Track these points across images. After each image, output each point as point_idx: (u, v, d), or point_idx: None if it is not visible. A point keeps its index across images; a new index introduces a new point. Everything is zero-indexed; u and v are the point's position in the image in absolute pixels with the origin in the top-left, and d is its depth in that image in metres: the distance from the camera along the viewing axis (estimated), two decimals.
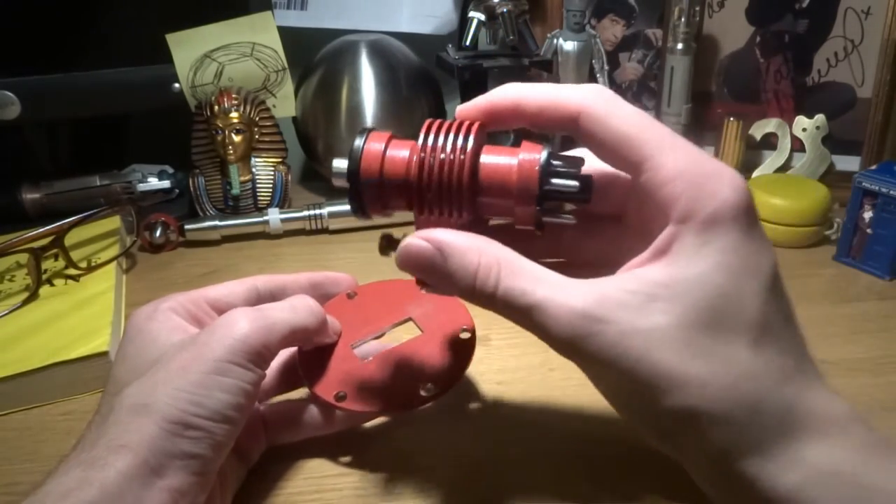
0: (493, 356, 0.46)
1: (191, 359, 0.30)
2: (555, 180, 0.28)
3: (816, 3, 0.70)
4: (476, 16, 0.69)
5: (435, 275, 0.28)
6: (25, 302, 0.49)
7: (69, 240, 0.53)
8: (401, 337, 0.39)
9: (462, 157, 0.28)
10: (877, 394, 0.43)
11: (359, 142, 0.30)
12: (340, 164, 0.30)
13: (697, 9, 0.66)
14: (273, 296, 0.38)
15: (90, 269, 0.54)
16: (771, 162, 0.73)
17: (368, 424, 0.40)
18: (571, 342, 0.25)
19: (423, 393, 0.36)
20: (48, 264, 0.53)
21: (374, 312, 0.40)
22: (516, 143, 0.29)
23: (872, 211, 0.56)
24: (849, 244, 0.58)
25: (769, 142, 0.73)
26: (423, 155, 0.28)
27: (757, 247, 0.25)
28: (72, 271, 0.53)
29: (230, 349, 0.31)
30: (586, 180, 0.28)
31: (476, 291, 0.27)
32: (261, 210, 0.66)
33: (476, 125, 0.29)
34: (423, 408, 0.36)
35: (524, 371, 0.45)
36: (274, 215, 0.64)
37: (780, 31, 0.72)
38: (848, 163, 0.71)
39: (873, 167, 0.58)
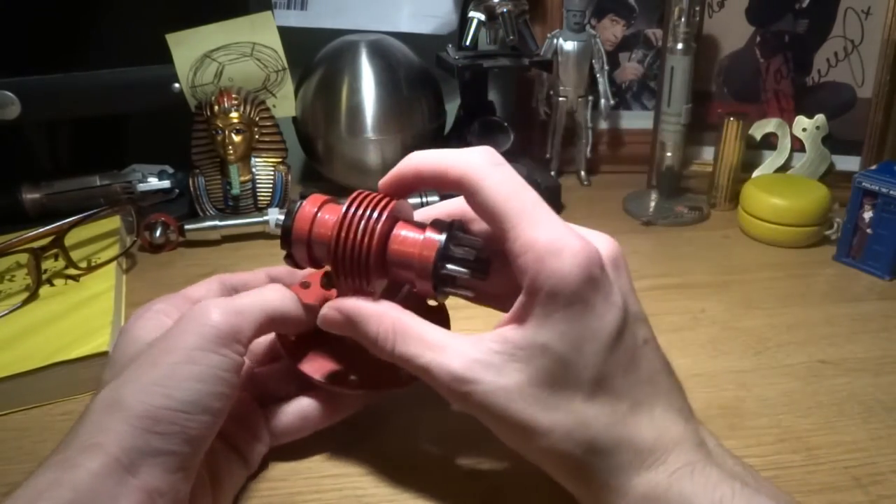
0: None
1: (160, 352, 0.30)
2: (449, 265, 0.32)
3: (816, 3, 0.70)
4: (476, 16, 0.69)
5: (350, 335, 0.34)
6: (25, 302, 0.49)
7: (69, 240, 0.53)
8: None
9: (369, 239, 0.32)
10: (877, 394, 0.43)
11: (297, 203, 0.35)
12: (279, 218, 0.35)
13: (697, 9, 0.66)
14: (237, 291, 0.38)
15: (90, 269, 0.54)
16: (771, 162, 0.73)
17: (367, 425, 0.40)
18: (454, 399, 0.30)
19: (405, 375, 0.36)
20: (48, 264, 0.53)
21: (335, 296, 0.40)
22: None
23: (872, 211, 0.56)
24: (849, 244, 0.58)
25: (769, 142, 0.73)
26: (340, 232, 0.32)
27: (598, 312, 0.29)
28: (72, 271, 0.53)
29: (199, 336, 0.31)
30: (481, 264, 0.32)
31: (378, 351, 0.32)
32: (261, 210, 0.66)
33: (391, 204, 0.33)
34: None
35: None
36: (274, 215, 0.64)
37: (780, 31, 0.72)
38: (848, 163, 0.71)
39: (873, 167, 0.58)
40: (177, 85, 0.66)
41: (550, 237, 0.29)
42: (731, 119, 0.67)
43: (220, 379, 0.31)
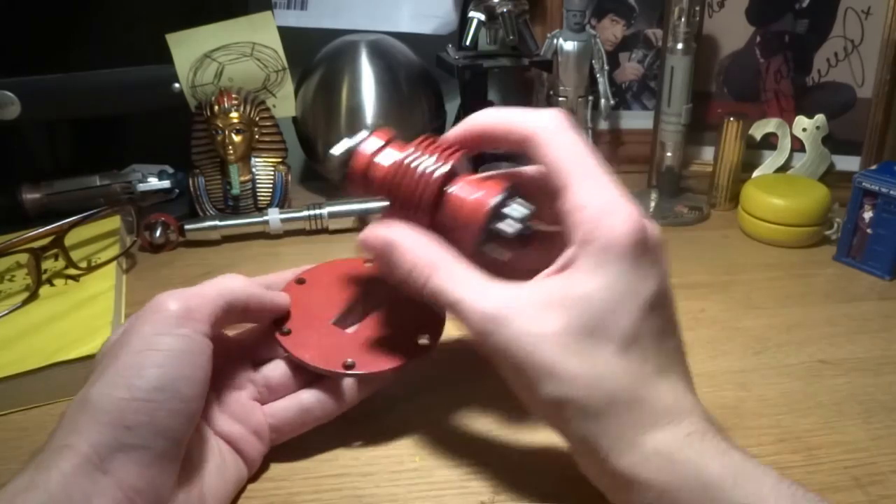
0: None
1: (120, 345, 0.31)
2: (498, 224, 0.33)
3: (816, 3, 0.70)
4: (476, 16, 0.69)
5: (381, 263, 0.34)
6: (25, 302, 0.49)
7: (69, 240, 0.53)
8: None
9: (432, 178, 0.33)
10: (878, 394, 0.43)
11: (362, 134, 0.36)
12: (339, 149, 0.36)
13: (697, 9, 0.65)
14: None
15: (90, 269, 0.54)
16: (771, 162, 0.73)
17: (367, 425, 0.40)
18: (479, 336, 0.31)
19: (421, 342, 0.38)
20: (48, 264, 0.53)
21: (332, 294, 0.41)
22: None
23: (872, 211, 0.56)
24: (849, 244, 0.58)
25: (769, 142, 0.73)
26: (403, 166, 0.34)
27: (642, 274, 0.30)
28: (72, 271, 0.53)
29: (155, 322, 0.31)
30: (527, 229, 0.33)
31: (408, 284, 0.33)
32: (261, 210, 0.66)
33: (458, 154, 0.34)
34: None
35: None
36: (274, 215, 0.64)
37: (780, 31, 0.72)
38: (848, 163, 0.71)
39: (873, 167, 0.58)
40: (177, 85, 0.66)
41: (610, 198, 0.31)
42: (731, 119, 0.67)
43: (182, 361, 0.30)
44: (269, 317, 0.38)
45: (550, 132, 0.32)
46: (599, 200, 0.30)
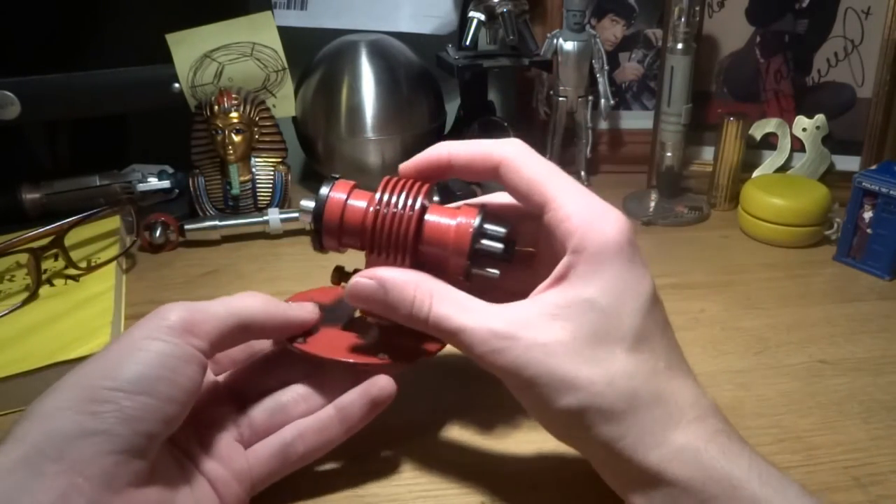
0: None
1: (107, 347, 0.31)
2: (484, 241, 0.34)
3: (816, 3, 0.70)
4: (476, 16, 0.69)
5: (378, 306, 0.34)
6: (25, 302, 0.49)
7: (69, 240, 0.53)
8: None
9: (410, 213, 0.34)
10: (878, 394, 0.43)
11: (325, 189, 0.36)
12: (308, 204, 0.36)
13: (697, 9, 0.66)
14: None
15: (90, 269, 0.54)
16: (771, 162, 0.73)
17: (367, 426, 0.40)
18: (489, 356, 0.31)
19: (427, 346, 0.37)
20: (48, 264, 0.53)
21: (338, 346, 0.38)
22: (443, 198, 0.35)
23: (872, 211, 0.56)
24: (849, 244, 0.58)
25: (769, 142, 0.73)
26: (377, 208, 0.34)
27: (637, 274, 0.31)
28: (72, 271, 0.53)
29: (149, 328, 0.31)
30: (510, 244, 0.34)
31: (412, 318, 0.33)
32: (261, 210, 0.66)
33: (425, 187, 0.35)
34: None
35: None
36: (274, 215, 0.64)
37: (780, 31, 0.72)
38: (848, 163, 0.71)
39: (873, 167, 0.58)
40: (177, 85, 0.66)
41: (595, 204, 0.32)
42: (731, 119, 0.67)
43: (165, 364, 0.30)
44: (291, 332, 0.37)
45: (520, 156, 0.34)
46: (585, 208, 0.31)
